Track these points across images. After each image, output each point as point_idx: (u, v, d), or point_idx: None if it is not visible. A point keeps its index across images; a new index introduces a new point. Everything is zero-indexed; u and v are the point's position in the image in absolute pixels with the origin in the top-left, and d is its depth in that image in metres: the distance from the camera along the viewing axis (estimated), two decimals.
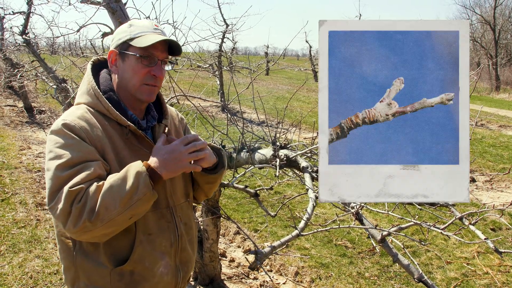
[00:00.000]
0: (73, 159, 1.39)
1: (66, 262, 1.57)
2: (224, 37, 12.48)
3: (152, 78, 1.56)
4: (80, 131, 1.44)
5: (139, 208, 1.39)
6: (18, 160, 7.22)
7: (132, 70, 1.55)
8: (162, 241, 1.61)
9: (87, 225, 1.33)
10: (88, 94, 1.56)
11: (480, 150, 9.56)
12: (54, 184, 1.37)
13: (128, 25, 1.59)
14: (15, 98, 13.56)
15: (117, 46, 1.57)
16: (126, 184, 1.36)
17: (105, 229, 1.38)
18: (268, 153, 2.37)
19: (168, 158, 1.43)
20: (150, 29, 1.57)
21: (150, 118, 1.68)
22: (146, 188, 1.37)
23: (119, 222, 1.38)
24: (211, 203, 3.26)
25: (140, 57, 1.53)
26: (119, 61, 1.57)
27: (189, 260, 1.76)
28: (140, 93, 1.57)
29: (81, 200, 1.34)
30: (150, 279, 1.59)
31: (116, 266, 1.52)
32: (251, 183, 6.26)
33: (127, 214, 1.37)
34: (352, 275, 4.06)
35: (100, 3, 3.13)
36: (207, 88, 15.36)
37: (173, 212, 1.67)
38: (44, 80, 8.36)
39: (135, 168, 1.39)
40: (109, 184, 1.37)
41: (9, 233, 4.49)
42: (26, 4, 6.98)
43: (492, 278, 4.04)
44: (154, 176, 1.41)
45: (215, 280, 3.62)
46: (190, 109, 4.61)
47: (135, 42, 1.53)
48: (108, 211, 1.34)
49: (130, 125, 1.54)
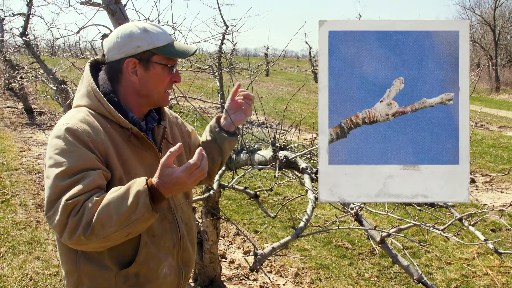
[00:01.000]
0: (72, 168, 1.37)
1: (68, 266, 1.55)
2: (224, 38, 12.46)
3: (171, 84, 1.61)
4: (83, 135, 1.42)
5: (136, 227, 1.37)
6: (18, 161, 7.22)
7: (158, 79, 1.56)
8: (166, 242, 1.62)
9: (81, 239, 1.32)
10: (89, 96, 1.54)
11: (480, 151, 9.55)
12: (53, 193, 1.36)
13: (142, 31, 1.53)
14: (15, 99, 13.56)
15: (136, 54, 1.53)
16: (125, 202, 1.33)
17: (100, 244, 1.37)
18: (268, 154, 2.37)
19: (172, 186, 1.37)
20: (168, 36, 1.58)
21: (150, 120, 1.68)
22: (145, 209, 1.34)
23: (114, 239, 1.37)
24: (210, 204, 3.26)
25: (166, 66, 1.56)
26: (140, 69, 1.54)
27: (190, 260, 1.77)
28: (163, 100, 1.62)
29: (78, 213, 1.32)
30: (155, 281, 1.59)
31: (121, 269, 1.52)
32: (251, 184, 6.26)
33: (123, 232, 1.35)
34: (352, 276, 4.06)
35: (100, 5, 3.13)
36: (207, 89, 15.36)
37: (174, 213, 1.67)
38: (44, 81, 8.37)
39: (137, 187, 1.35)
40: (108, 200, 1.34)
41: (9, 234, 4.48)
42: (26, 5, 6.99)
43: (492, 279, 4.03)
44: (156, 195, 1.38)
45: (215, 282, 3.61)
46: (190, 110, 4.61)
47: (164, 52, 1.54)
48: (104, 228, 1.32)
49: (132, 127, 1.53)
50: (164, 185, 1.36)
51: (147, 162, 1.58)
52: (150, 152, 1.60)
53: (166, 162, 1.35)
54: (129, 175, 1.49)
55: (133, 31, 1.54)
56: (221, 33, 11.57)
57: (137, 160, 1.54)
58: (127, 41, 1.53)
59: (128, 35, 1.53)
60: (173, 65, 1.59)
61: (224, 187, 2.73)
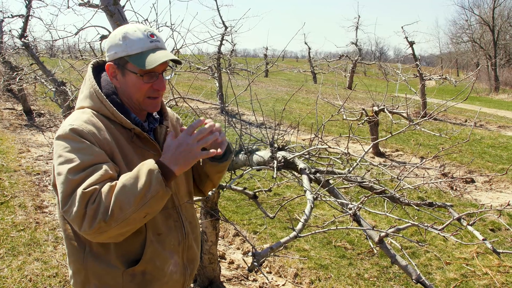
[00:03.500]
0: (84, 162, 1.39)
1: (76, 265, 1.57)
2: (223, 39, 12.49)
3: (154, 91, 1.57)
4: (89, 135, 1.44)
5: (153, 206, 1.39)
6: (17, 163, 7.22)
7: (134, 86, 1.55)
8: (171, 240, 1.64)
9: (102, 225, 1.33)
10: (91, 97, 1.56)
11: (479, 150, 9.56)
12: (67, 188, 1.37)
13: (121, 37, 1.53)
14: (14, 101, 13.56)
15: (114, 60, 1.55)
16: (139, 182, 1.36)
17: (120, 229, 1.37)
18: (266, 155, 2.37)
19: (177, 153, 1.43)
20: (147, 43, 1.53)
21: (152, 120, 1.71)
22: (159, 185, 1.36)
23: (134, 221, 1.38)
24: (209, 205, 3.26)
25: (141, 76, 1.53)
26: (119, 75, 1.57)
27: (195, 258, 1.80)
28: (145, 106, 1.60)
29: (95, 201, 1.34)
30: (161, 278, 1.62)
31: (128, 267, 1.54)
32: (249, 185, 6.26)
33: (141, 212, 1.37)
34: (351, 276, 4.06)
35: (99, 6, 3.13)
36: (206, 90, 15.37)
37: (179, 211, 1.70)
38: (43, 83, 8.38)
39: (147, 166, 1.38)
40: (122, 183, 1.36)
41: (8, 236, 4.48)
42: (25, 7, 6.99)
43: (491, 278, 4.04)
44: (166, 172, 1.41)
45: (214, 282, 3.62)
46: (189, 111, 4.62)
47: (134, 61, 1.51)
48: (122, 210, 1.34)
49: (135, 128, 1.56)
50: (170, 158, 1.42)
51: None
52: (153, 151, 1.62)
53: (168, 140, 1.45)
54: None
55: (116, 36, 1.56)
56: (220, 34, 11.60)
57: (141, 160, 1.55)
58: (109, 46, 1.57)
59: (111, 39, 1.57)
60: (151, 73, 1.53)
61: (223, 187, 2.73)
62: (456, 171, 7.99)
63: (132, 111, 1.61)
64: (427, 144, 10.20)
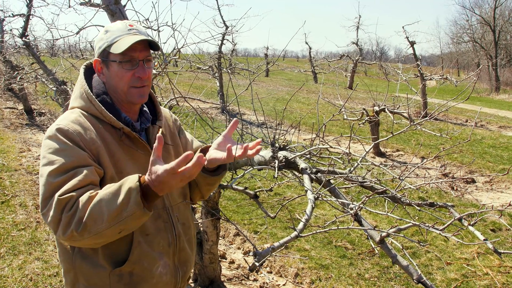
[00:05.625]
0: (65, 165, 1.39)
1: (66, 265, 1.58)
2: (224, 38, 12.49)
3: (137, 80, 1.57)
4: (74, 135, 1.45)
5: (128, 224, 1.34)
6: (18, 162, 7.22)
7: (116, 76, 1.56)
8: (160, 241, 1.63)
9: (74, 234, 1.33)
10: (81, 97, 1.58)
11: (480, 151, 9.55)
12: (47, 191, 1.38)
13: (104, 32, 1.59)
14: (15, 100, 13.56)
15: (99, 54, 1.59)
16: (117, 199, 1.32)
17: (94, 240, 1.36)
18: (267, 154, 2.37)
19: (159, 184, 1.32)
20: (125, 31, 1.57)
21: (144, 120, 1.70)
22: (136, 206, 1.31)
23: (107, 235, 1.36)
24: (210, 205, 3.26)
25: (121, 63, 1.54)
26: (104, 69, 1.59)
27: (188, 260, 1.77)
28: (131, 96, 1.59)
29: (71, 209, 1.33)
30: (149, 280, 1.60)
31: (115, 267, 1.53)
32: (250, 185, 6.26)
33: (115, 229, 1.34)
34: (352, 276, 4.06)
35: (100, 5, 3.13)
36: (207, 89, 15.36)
37: (169, 212, 1.68)
38: (44, 82, 8.38)
39: (129, 184, 1.33)
40: (100, 197, 1.34)
41: (9, 235, 4.49)
42: (26, 6, 6.98)
43: (492, 279, 4.04)
44: (148, 192, 1.34)
45: (215, 282, 3.62)
46: (189, 111, 4.61)
47: (113, 49, 1.54)
48: (96, 224, 1.32)
49: (123, 127, 1.56)
50: (153, 182, 1.32)
51: (140, 161, 1.60)
52: (142, 151, 1.61)
53: (153, 158, 1.32)
54: (121, 175, 1.51)
55: (100, 34, 1.61)
56: (221, 33, 11.59)
57: (129, 159, 1.55)
58: (96, 44, 1.62)
59: (97, 38, 1.62)
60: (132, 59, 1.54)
61: (223, 187, 2.73)
62: (457, 171, 7.98)
63: (123, 110, 1.62)
64: (428, 144, 10.20)
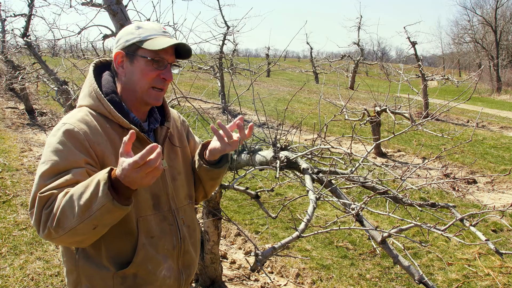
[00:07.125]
0: (58, 167, 1.38)
1: (69, 265, 1.57)
2: (225, 39, 12.50)
3: (161, 81, 1.56)
4: (79, 134, 1.44)
5: (101, 219, 1.28)
6: (19, 162, 7.23)
7: (141, 72, 1.54)
8: (165, 243, 1.61)
9: (51, 232, 1.31)
10: (90, 96, 1.56)
11: (481, 151, 9.54)
12: (35, 190, 1.37)
13: (135, 27, 1.57)
14: (17, 100, 13.56)
15: (124, 47, 1.55)
16: (86, 192, 1.27)
17: (70, 238, 1.32)
18: (269, 154, 2.37)
19: (125, 178, 1.25)
20: (159, 32, 1.56)
21: (152, 121, 1.69)
22: (105, 198, 1.25)
23: (82, 232, 1.30)
24: (212, 205, 3.26)
25: (151, 60, 1.52)
26: (127, 63, 1.56)
27: (192, 263, 1.76)
28: (148, 96, 1.57)
29: (49, 207, 1.32)
30: (153, 283, 1.58)
31: (119, 269, 1.52)
32: (252, 185, 6.26)
33: (88, 224, 1.28)
34: (353, 276, 4.05)
35: (101, 5, 3.13)
36: (208, 90, 15.37)
37: (175, 215, 1.66)
38: (45, 82, 8.37)
39: (99, 176, 1.28)
40: (72, 191, 1.30)
41: (10, 235, 4.49)
42: (27, 6, 6.99)
43: (494, 279, 4.03)
44: (119, 185, 1.27)
45: (216, 282, 3.62)
46: (191, 111, 4.61)
47: (146, 44, 1.52)
48: (67, 219, 1.28)
49: (131, 127, 1.54)
50: (121, 175, 1.25)
51: None
52: None
53: (121, 151, 1.25)
54: None
55: (129, 27, 1.59)
56: (222, 33, 11.60)
57: None
58: (120, 37, 1.58)
59: (124, 32, 1.59)
60: (162, 60, 1.54)
61: (225, 187, 2.73)
62: (458, 172, 7.97)
63: (132, 110, 1.60)
64: (429, 144, 10.18)
